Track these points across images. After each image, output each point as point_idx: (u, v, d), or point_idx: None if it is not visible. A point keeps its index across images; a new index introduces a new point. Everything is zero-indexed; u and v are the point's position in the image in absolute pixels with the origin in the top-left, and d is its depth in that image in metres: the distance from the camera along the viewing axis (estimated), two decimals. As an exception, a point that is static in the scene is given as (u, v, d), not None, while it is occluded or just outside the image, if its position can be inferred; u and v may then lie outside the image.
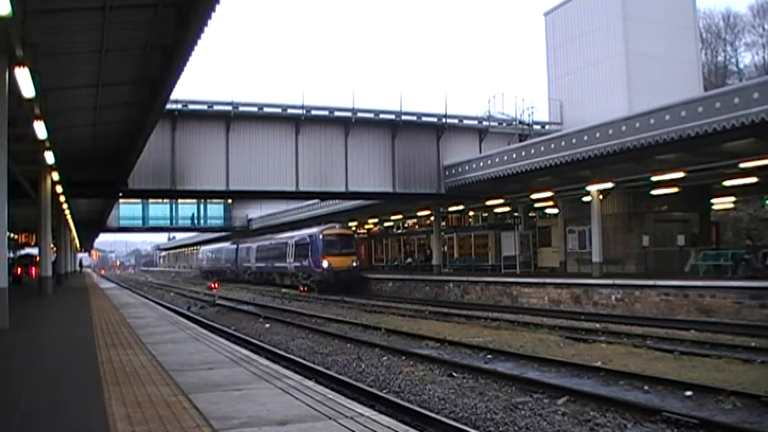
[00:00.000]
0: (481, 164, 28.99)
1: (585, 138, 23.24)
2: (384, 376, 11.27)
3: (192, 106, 27.78)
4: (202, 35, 12.51)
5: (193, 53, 13.46)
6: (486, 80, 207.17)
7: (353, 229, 50.05)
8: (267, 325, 20.62)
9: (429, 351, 13.81)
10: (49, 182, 24.27)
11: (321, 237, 40.41)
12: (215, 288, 38.74)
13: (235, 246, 62.48)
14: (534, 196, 30.81)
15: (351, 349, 14.64)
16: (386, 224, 53.74)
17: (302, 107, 29.09)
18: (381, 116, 30.44)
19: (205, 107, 28.20)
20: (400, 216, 47.97)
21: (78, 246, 74.08)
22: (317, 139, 29.52)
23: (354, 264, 40.09)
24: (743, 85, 23.63)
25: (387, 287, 38.71)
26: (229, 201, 61.63)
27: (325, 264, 39.05)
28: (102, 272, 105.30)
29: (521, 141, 30.69)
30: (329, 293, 35.68)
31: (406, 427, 5.45)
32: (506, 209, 34.84)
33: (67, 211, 37.05)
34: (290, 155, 29.14)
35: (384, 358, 13.17)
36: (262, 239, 55.06)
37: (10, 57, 12.15)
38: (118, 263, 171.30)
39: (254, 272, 54.48)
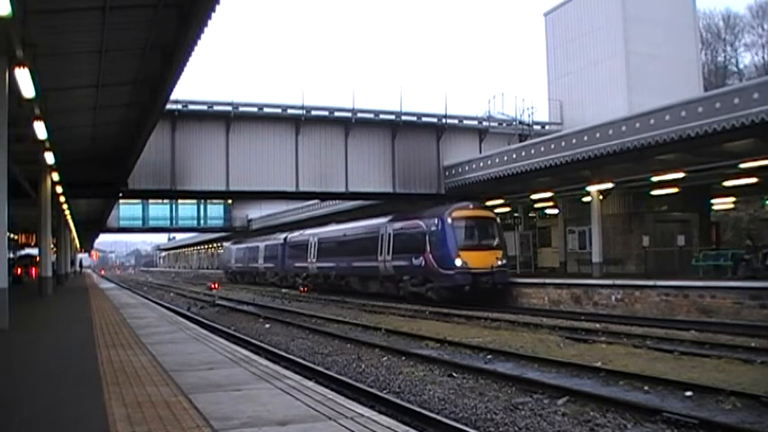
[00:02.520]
0: (481, 164, 29.01)
1: (585, 138, 23.25)
2: (384, 377, 11.27)
3: (191, 106, 27.80)
4: (202, 35, 12.54)
5: (193, 53, 13.49)
6: (486, 80, 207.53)
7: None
8: (267, 325, 20.60)
9: (429, 351, 13.80)
10: (49, 182, 24.27)
11: (450, 221, 26.92)
12: (215, 288, 38.74)
13: (281, 240, 47.79)
14: (534, 196, 30.80)
15: (351, 350, 14.63)
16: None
17: (302, 107, 29.10)
18: (381, 116, 30.46)
19: (205, 107, 28.22)
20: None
21: (78, 246, 74.05)
22: (317, 139, 29.54)
23: (500, 262, 26.85)
24: (743, 85, 23.64)
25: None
26: (229, 201, 61.60)
27: (458, 262, 25.99)
28: (102, 272, 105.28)
29: (521, 141, 30.71)
30: (456, 305, 24.54)
31: (406, 428, 5.45)
32: (506, 209, 34.89)
33: (67, 212, 37.05)
34: (290, 155, 29.15)
35: (384, 359, 13.17)
36: (325, 230, 40.61)
37: (10, 57, 12.15)
38: (118, 263, 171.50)
39: (315, 274, 40.32)
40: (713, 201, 31.70)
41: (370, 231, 32.71)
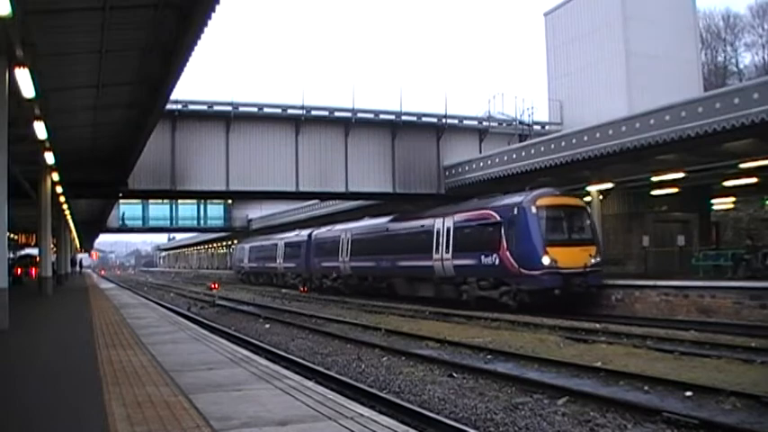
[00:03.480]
0: (481, 164, 29.01)
1: (585, 138, 23.25)
2: (384, 377, 11.26)
3: (192, 106, 27.82)
4: (202, 35, 12.54)
5: (193, 53, 13.51)
6: (486, 80, 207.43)
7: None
8: (267, 325, 20.60)
9: (429, 351, 13.79)
10: (49, 182, 24.29)
11: (534, 210, 22.50)
12: (215, 288, 38.73)
13: (304, 237, 43.16)
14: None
15: (351, 350, 14.63)
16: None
17: (302, 107, 29.11)
18: (381, 116, 30.47)
19: (205, 107, 28.23)
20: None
21: (78, 246, 74.06)
22: (316, 139, 29.54)
23: (594, 259, 22.56)
24: (743, 85, 23.65)
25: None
26: (229, 201, 61.61)
27: (546, 260, 21.70)
28: (103, 272, 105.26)
29: (521, 141, 30.70)
30: (543, 312, 20.56)
31: (406, 428, 5.45)
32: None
33: (67, 212, 37.06)
34: (290, 155, 29.15)
35: (384, 359, 13.16)
36: (361, 225, 36.21)
37: (10, 57, 12.17)
38: (118, 263, 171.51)
39: (348, 275, 35.89)
40: (713, 201, 31.69)
41: (423, 225, 28.34)
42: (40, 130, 16.27)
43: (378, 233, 32.90)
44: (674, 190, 26.65)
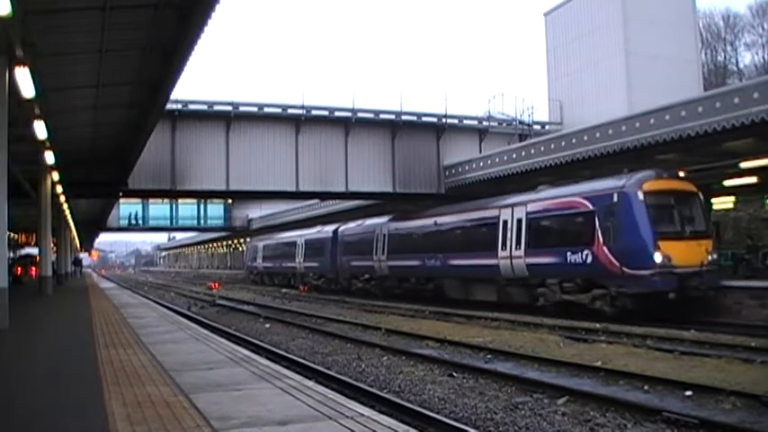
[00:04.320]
0: (481, 164, 29.00)
1: (585, 138, 23.25)
2: (384, 376, 11.27)
3: (192, 106, 27.80)
4: (202, 35, 12.54)
5: (193, 53, 13.50)
6: (486, 80, 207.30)
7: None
8: (267, 325, 20.61)
9: (429, 351, 13.80)
10: (49, 182, 24.30)
11: (641, 196, 18.77)
12: (215, 288, 38.74)
13: (328, 233, 39.59)
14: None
15: (351, 349, 14.64)
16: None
17: (302, 107, 29.10)
18: (381, 116, 30.45)
19: (205, 107, 28.22)
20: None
21: (78, 245, 74.07)
22: (317, 139, 29.52)
23: (711, 256, 19.04)
24: (743, 84, 23.66)
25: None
26: (229, 201, 61.59)
27: (657, 258, 18.04)
28: (102, 272, 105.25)
29: (521, 141, 30.69)
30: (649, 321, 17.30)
31: (407, 427, 5.46)
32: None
33: (67, 211, 37.06)
34: (291, 155, 29.14)
35: (384, 358, 13.17)
36: (398, 218, 32.48)
37: (10, 57, 12.17)
38: (118, 263, 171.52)
39: (385, 275, 32.20)
40: (713, 200, 31.65)
41: (484, 217, 24.61)
42: (40, 129, 16.28)
43: (423, 227, 29.29)
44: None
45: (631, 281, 18.44)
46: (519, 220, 22.58)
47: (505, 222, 23.15)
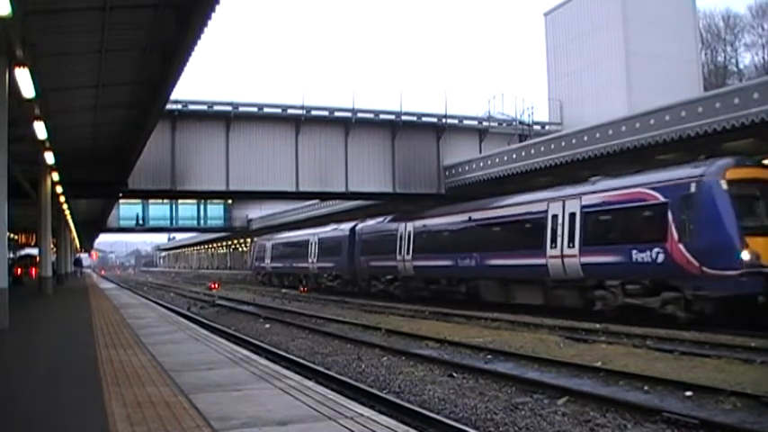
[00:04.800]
0: (481, 164, 29.00)
1: (585, 138, 23.25)
2: (384, 376, 11.26)
3: (191, 106, 27.82)
4: (202, 35, 12.55)
5: (193, 53, 13.51)
6: (487, 80, 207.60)
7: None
8: (267, 325, 20.60)
9: (429, 351, 13.79)
10: (49, 182, 24.30)
11: (725, 186, 16.79)
12: (215, 288, 38.72)
13: (345, 231, 37.24)
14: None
15: (351, 349, 14.63)
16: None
17: (302, 107, 29.11)
18: (381, 116, 30.45)
19: (205, 107, 28.24)
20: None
21: (78, 246, 74.09)
22: (317, 139, 29.53)
23: None
24: (743, 85, 23.65)
25: None
26: (229, 201, 61.62)
27: (745, 256, 16.05)
28: (102, 272, 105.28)
29: (521, 141, 30.70)
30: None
31: (407, 428, 5.45)
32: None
33: (67, 212, 37.06)
34: (290, 155, 29.14)
35: (384, 358, 13.16)
36: (426, 214, 30.02)
37: (10, 57, 12.17)
38: (118, 263, 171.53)
39: (410, 276, 29.91)
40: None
41: (529, 212, 22.31)
42: (40, 129, 16.28)
43: (456, 224, 26.77)
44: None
45: (713, 282, 16.22)
46: (572, 215, 20.34)
47: (555, 217, 20.93)
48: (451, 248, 26.57)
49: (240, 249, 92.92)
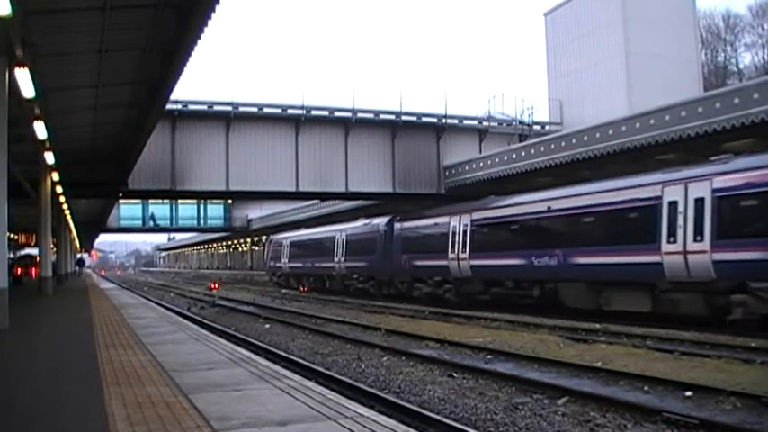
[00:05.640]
0: (481, 164, 29.02)
1: (585, 138, 23.26)
2: (384, 377, 11.26)
3: (191, 107, 27.86)
4: (202, 35, 12.55)
5: (193, 53, 13.51)
6: (487, 80, 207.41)
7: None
8: (267, 325, 20.59)
9: (429, 351, 13.78)
10: (49, 182, 24.30)
11: None
12: (215, 289, 38.69)
13: (379, 227, 32.67)
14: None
15: (351, 350, 14.62)
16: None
17: (302, 107, 29.13)
18: (381, 116, 30.49)
19: (205, 107, 28.27)
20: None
21: (78, 246, 74.10)
22: (317, 139, 29.55)
23: None
24: (743, 85, 23.67)
25: None
26: (229, 201, 61.67)
27: None
28: (102, 272, 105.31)
29: (521, 142, 30.71)
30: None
31: (407, 428, 5.45)
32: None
33: (67, 212, 37.06)
34: (290, 155, 29.16)
35: (384, 359, 13.16)
36: (484, 204, 25.72)
37: (10, 57, 12.17)
38: (118, 263, 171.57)
39: (466, 278, 25.55)
40: None
41: (634, 199, 18.62)
42: (40, 130, 16.28)
43: (529, 215, 22.64)
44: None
45: None
46: (698, 201, 16.72)
47: (673, 204, 17.35)
48: (523, 245, 22.49)
49: (240, 249, 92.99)
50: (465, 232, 25.46)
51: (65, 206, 33.98)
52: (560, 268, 20.72)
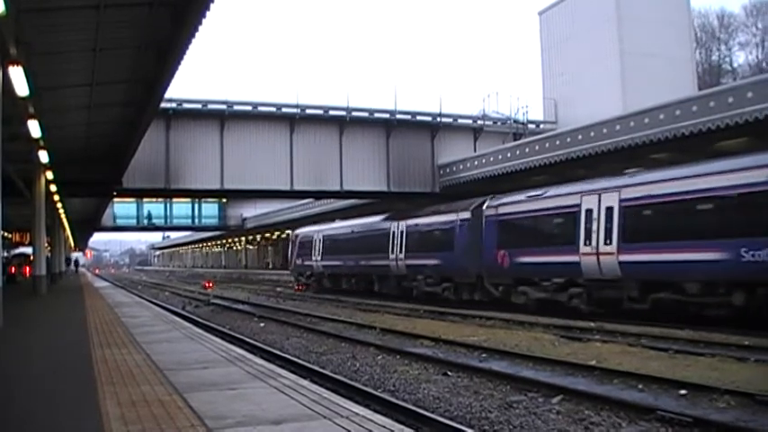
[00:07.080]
0: (476, 163, 29.03)
1: (580, 137, 23.29)
2: (379, 375, 11.26)
3: (186, 105, 27.79)
4: (197, 34, 12.51)
5: (188, 52, 13.46)
6: (481, 79, 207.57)
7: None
8: (262, 324, 20.58)
9: (424, 350, 13.80)
10: (43, 181, 24.23)
11: None
12: (210, 287, 38.65)
13: (457, 216, 26.02)
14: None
15: (346, 348, 14.62)
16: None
17: (297, 106, 29.08)
18: (376, 115, 30.46)
19: (199, 106, 28.20)
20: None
21: (73, 245, 73.88)
22: (311, 138, 29.51)
23: None
24: (737, 84, 23.72)
25: None
26: (224, 200, 61.59)
27: None
28: (97, 271, 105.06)
29: (515, 140, 30.72)
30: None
31: (401, 426, 5.45)
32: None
33: (61, 210, 36.95)
34: (285, 154, 29.11)
35: (379, 357, 13.17)
36: (643, 180, 18.50)
37: (4, 55, 12.10)
38: (112, 262, 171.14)
39: (612, 281, 18.69)
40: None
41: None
42: (33, 128, 16.22)
43: (739, 188, 15.65)
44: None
45: None
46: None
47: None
48: (722, 232, 15.93)
49: (235, 248, 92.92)
50: (610, 217, 18.81)
51: (59, 205, 33.88)
52: None
